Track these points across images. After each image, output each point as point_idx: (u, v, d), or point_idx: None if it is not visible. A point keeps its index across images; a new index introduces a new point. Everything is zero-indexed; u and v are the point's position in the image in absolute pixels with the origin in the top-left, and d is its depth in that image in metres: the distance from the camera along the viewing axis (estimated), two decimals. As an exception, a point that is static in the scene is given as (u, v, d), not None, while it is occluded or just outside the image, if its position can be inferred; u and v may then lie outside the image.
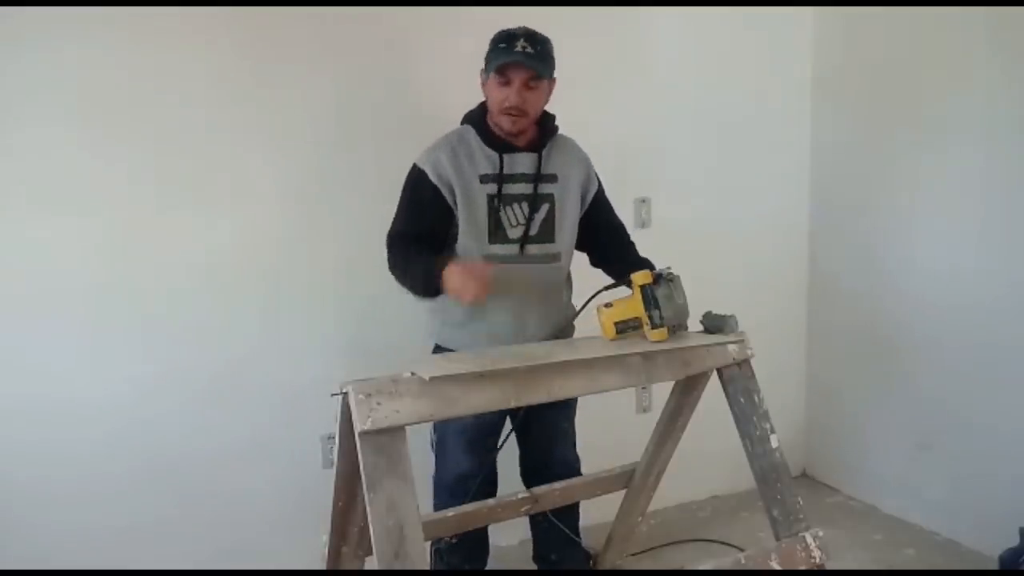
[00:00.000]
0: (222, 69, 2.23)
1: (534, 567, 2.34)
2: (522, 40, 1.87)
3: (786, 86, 3.03)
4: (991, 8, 2.37)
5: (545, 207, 1.98)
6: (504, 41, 1.89)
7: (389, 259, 1.96)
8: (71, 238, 2.11)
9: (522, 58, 1.86)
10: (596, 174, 2.11)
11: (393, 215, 1.99)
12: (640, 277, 1.75)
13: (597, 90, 2.66)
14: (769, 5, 2.92)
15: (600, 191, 2.11)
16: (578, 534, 2.29)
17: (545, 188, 1.98)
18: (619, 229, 2.15)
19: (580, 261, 2.13)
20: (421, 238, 1.94)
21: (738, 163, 2.95)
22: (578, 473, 2.24)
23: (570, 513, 2.25)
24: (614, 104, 2.71)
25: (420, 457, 1.99)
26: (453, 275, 1.79)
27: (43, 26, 2.03)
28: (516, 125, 1.93)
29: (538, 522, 2.26)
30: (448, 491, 2.11)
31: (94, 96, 2.10)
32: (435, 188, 1.92)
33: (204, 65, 2.21)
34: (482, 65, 1.95)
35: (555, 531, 2.22)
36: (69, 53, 2.07)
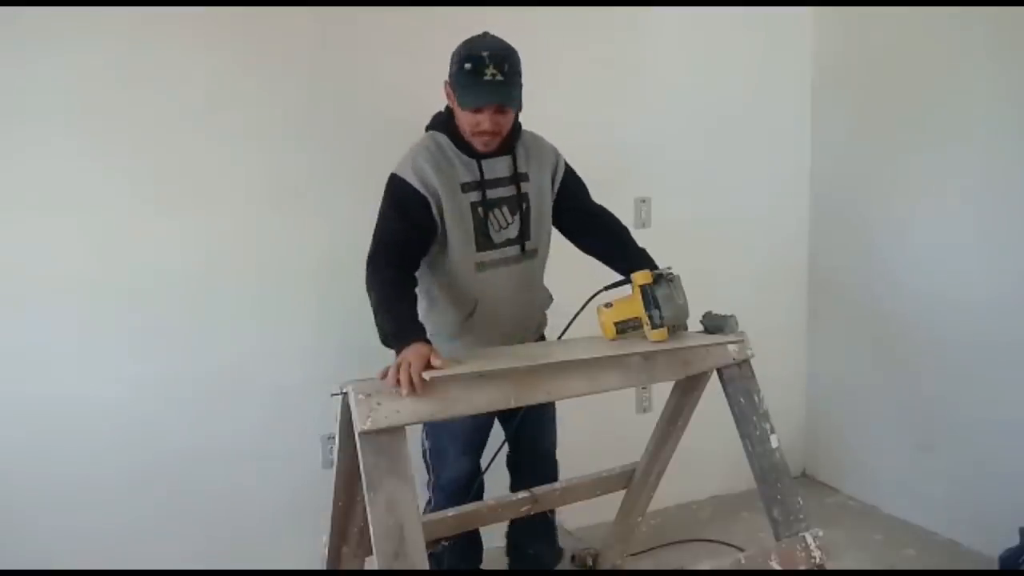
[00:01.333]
0: (221, 70, 2.23)
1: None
2: (491, 67, 1.76)
3: (786, 86, 3.03)
4: (991, 8, 2.37)
5: (524, 206, 1.97)
6: (469, 62, 1.78)
7: (368, 274, 1.80)
8: (69, 239, 2.11)
9: (497, 97, 1.79)
10: (564, 160, 2.06)
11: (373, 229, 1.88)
12: (640, 277, 1.75)
13: (597, 90, 2.66)
14: (769, 5, 2.92)
15: (568, 173, 2.05)
16: (555, 529, 2.32)
17: (522, 188, 1.96)
18: (601, 214, 2.09)
19: (580, 262, 2.12)
20: (404, 251, 1.83)
21: (738, 163, 2.95)
22: (554, 459, 2.25)
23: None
24: (614, 104, 2.71)
25: (419, 457, 2.00)
26: (404, 357, 1.54)
27: (41, 27, 2.03)
28: (489, 147, 1.89)
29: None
30: (447, 496, 2.09)
31: (90, 98, 2.10)
32: (423, 198, 1.84)
33: (201, 68, 2.21)
34: (446, 76, 1.88)
35: (531, 525, 2.22)
36: (69, 55, 2.07)
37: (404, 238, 1.84)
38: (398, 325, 1.68)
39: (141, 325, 2.21)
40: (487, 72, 1.76)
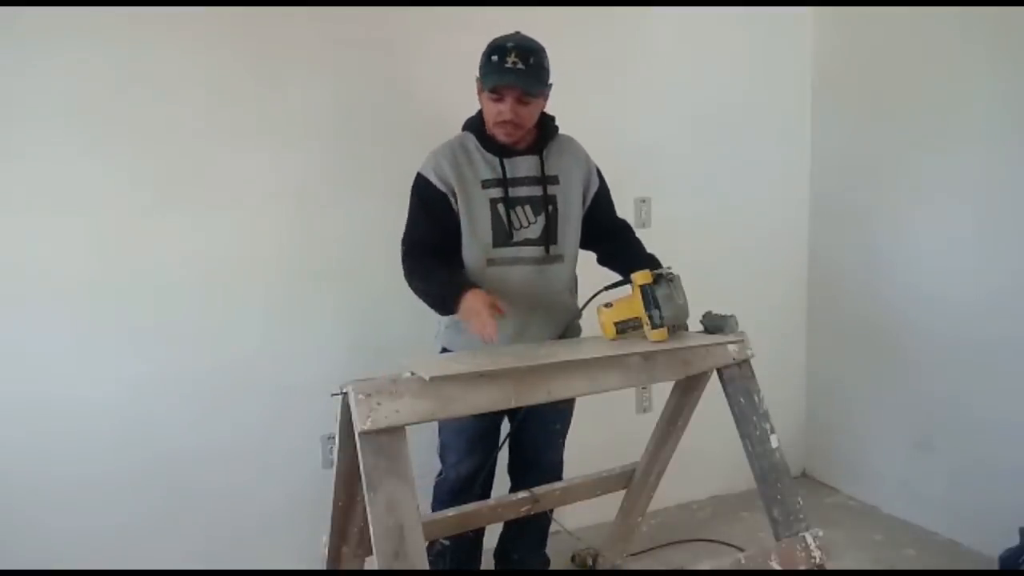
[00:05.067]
0: (222, 70, 2.23)
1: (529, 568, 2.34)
2: (513, 55, 1.84)
3: (786, 86, 3.03)
4: (991, 8, 2.37)
5: (549, 209, 1.98)
6: (496, 54, 1.86)
7: (406, 268, 1.93)
8: (69, 239, 2.11)
9: (513, 78, 1.84)
10: (598, 172, 2.10)
11: (404, 227, 1.98)
12: (640, 277, 1.75)
13: (597, 90, 2.66)
14: (769, 5, 2.92)
15: (602, 188, 2.09)
16: (546, 539, 2.32)
17: (548, 190, 1.98)
18: (623, 227, 2.15)
19: (583, 261, 2.12)
20: (436, 246, 1.93)
21: (738, 163, 2.95)
22: (560, 476, 2.24)
23: (541, 517, 2.25)
24: (614, 104, 2.71)
25: (420, 457, 2.00)
26: (468, 307, 1.76)
27: (43, 28, 2.03)
28: (511, 138, 1.93)
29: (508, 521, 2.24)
30: (451, 493, 2.10)
31: (90, 99, 2.10)
32: (441, 193, 1.92)
33: (204, 67, 2.21)
34: (477, 73, 1.94)
35: (522, 529, 2.22)
36: (69, 55, 2.07)
37: (431, 236, 1.94)
38: (445, 287, 1.85)
39: (141, 325, 2.20)
40: (509, 60, 1.85)
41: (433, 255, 1.92)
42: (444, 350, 2.05)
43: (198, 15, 2.17)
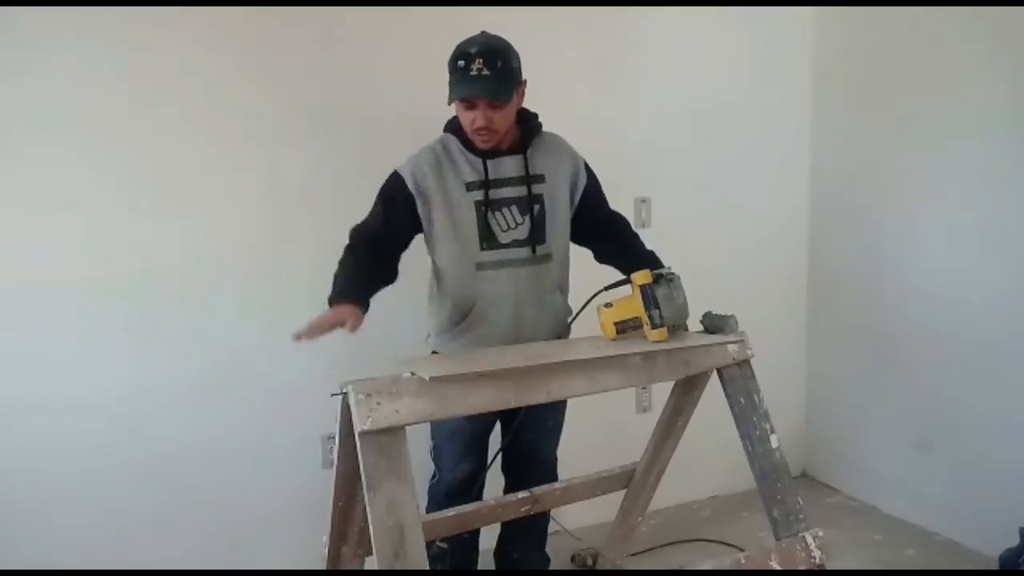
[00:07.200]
0: (223, 71, 2.23)
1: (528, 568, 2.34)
2: (477, 61, 1.78)
3: (786, 86, 3.03)
4: (991, 8, 2.37)
5: (535, 208, 1.95)
6: (461, 59, 1.81)
7: (346, 245, 1.93)
8: (69, 239, 2.11)
9: (480, 88, 1.79)
10: (587, 167, 2.05)
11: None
12: (640, 277, 1.75)
13: (597, 89, 2.67)
14: (769, 5, 2.92)
15: (591, 184, 2.04)
16: (545, 538, 2.31)
17: (534, 189, 1.94)
18: (618, 221, 2.11)
19: (579, 261, 2.12)
20: (379, 239, 1.91)
21: (738, 163, 2.95)
22: (555, 472, 2.24)
23: (541, 517, 2.24)
24: (614, 103, 2.71)
25: (420, 458, 2.00)
26: (334, 312, 1.78)
27: (43, 28, 2.04)
28: (488, 144, 1.89)
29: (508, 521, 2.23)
30: (447, 496, 2.09)
31: (91, 99, 2.10)
32: (408, 195, 1.89)
33: (204, 67, 2.21)
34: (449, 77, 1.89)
35: (520, 528, 2.21)
36: (69, 55, 2.07)
37: (379, 233, 1.92)
38: (335, 290, 1.84)
39: (141, 325, 2.21)
40: (473, 67, 1.80)
41: (373, 247, 1.90)
42: (434, 354, 2.04)
43: (198, 16, 2.17)
